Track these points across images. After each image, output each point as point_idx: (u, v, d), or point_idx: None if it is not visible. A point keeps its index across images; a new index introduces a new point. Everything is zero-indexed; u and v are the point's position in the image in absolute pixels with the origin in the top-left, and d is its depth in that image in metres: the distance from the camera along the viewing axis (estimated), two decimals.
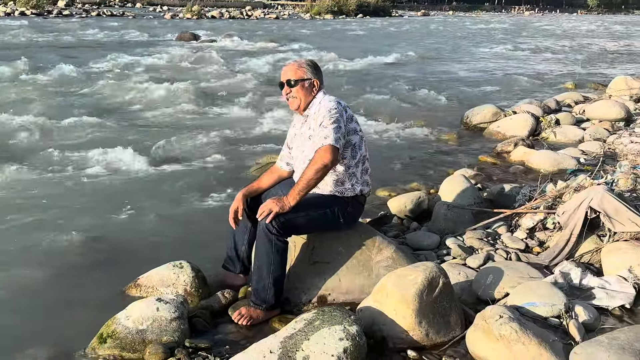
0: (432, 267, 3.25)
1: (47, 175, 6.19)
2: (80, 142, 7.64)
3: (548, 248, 4.27)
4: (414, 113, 10.33)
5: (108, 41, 23.57)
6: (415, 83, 14.07)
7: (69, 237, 4.65)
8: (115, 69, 14.45)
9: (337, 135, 3.44)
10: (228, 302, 3.63)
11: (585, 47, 29.86)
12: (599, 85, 13.96)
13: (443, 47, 27.33)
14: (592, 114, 9.45)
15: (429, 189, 5.91)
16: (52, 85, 11.97)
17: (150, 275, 3.82)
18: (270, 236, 3.37)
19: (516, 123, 8.70)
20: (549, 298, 3.32)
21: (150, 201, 5.52)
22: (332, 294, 3.63)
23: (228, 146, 7.66)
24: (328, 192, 3.62)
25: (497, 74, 16.94)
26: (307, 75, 3.67)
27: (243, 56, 18.69)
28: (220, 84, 12.89)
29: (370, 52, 20.60)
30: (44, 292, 3.86)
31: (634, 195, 4.94)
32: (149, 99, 10.85)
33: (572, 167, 6.54)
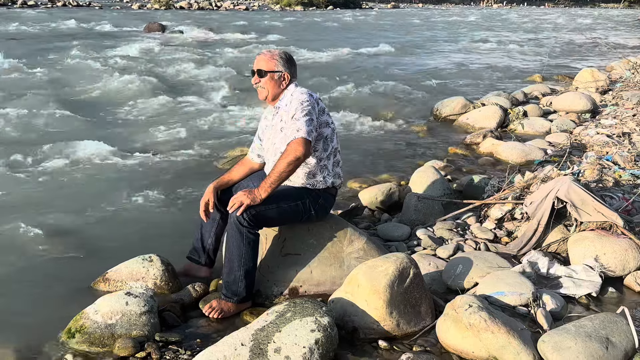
0: (402, 257, 3.27)
1: (12, 169, 6.06)
2: (46, 135, 7.52)
3: (516, 238, 4.33)
4: (384, 105, 10.37)
5: (75, 32, 23.15)
6: (386, 75, 14.12)
7: (36, 230, 4.57)
8: (83, 61, 14.21)
9: (309, 128, 3.44)
10: (199, 296, 3.62)
11: (552, 39, 30.27)
12: (566, 77, 14.18)
13: (413, 39, 27.46)
14: (559, 105, 9.59)
15: (400, 180, 5.94)
16: (17, 78, 11.71)
17: (119, 269, 3.78)
18: (241, 228, 3.36)
19: (485, 115, 8.80)
20: (517, 287, 3.37)
21: (119, 194, 5.45)
22: (303, 285, 3.64)
23: (198, 139, 7.59)
24: (299, 184, 3.62)
25: (466, 67, 17.08)
26: (277, 67, 3.65)
27: (212, 47, 18.54)
28: (189, 76, 12.79)
29: (340, 45, 20.62)
30: (11, 286, 3.79)
31: (599, 186, 5.04)
32: (116, 92, 10.70)
33: (540, 158, 6.64)
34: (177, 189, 5.67)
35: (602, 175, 5.30)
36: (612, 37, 33.12)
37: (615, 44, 27.59)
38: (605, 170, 5.53)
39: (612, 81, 12.70)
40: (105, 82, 11.40)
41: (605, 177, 5.29)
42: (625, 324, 2.97)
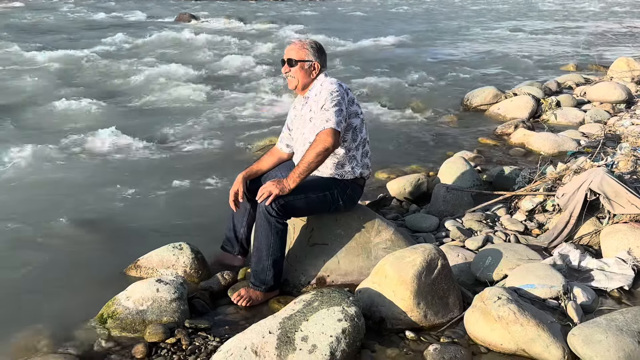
0: (430, 248, 3.26)
1: (47, 157, 6.18)
2: (81, 124, 7.63)
3: (547, 230, 4.28)
4: (413, 95, 10.29)
5: (107, 22, 23.42)
6: (415, 65, 13.98)
7: (70, 218, 4.66)
8: (115, 52, 14.39)
9: (338, 119, 3.44)
10: (227, 284, 3.66)
11: (587, 27, 29.66)
12: (600, 67, 13.87)
13: (443, 27, 27.14)
14: (593, 95, 9.39)
15: (429, 171, 5.91)
16: (54, 67, 11.90)
17: (150, 256, 3.84)
18: (270, 218, 3.38)
19: (517, 105, 8.67)
20: (547, 280, 3.33)
21: (151, 183, 5.52)
22: (330, 275, 3.65)
23: (228, 128, 7.64)
24: (328, 174, 3.62)
25: (498, 56, 16.82)
26: (308, 57, 3.65)
27: (242, 37, 18.57)
28: (218, 66, 12.84)
29: (369, 34, 20.47)
30: (45, 272, 3.88)
31: (634, 178, 4.93)
32: (147, 81, 10.80)
33: (572, 149, 6.53)
34: (207, 177, 5.72)
35: (636, 167, 5.19)
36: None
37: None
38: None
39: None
40: (137, 72, 11.51)
41: (639, 169, 5.18)
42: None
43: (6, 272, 3.85)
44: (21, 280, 3.76)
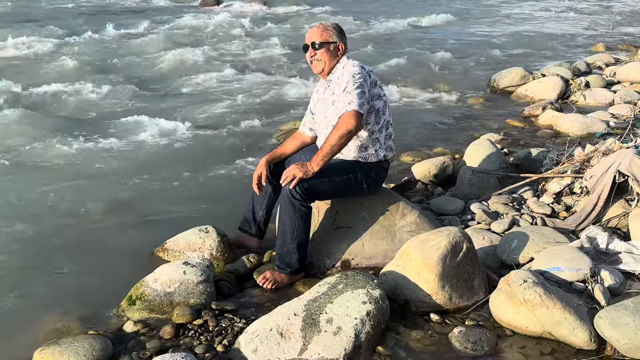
0: (455, 231, 3.25)
1: (78, 142, 6.25)
2: (108, 110, 7.69)
3: (575, 213, 4.24)
4: (439, 77, 10.18)
5: (134, 8, 23.48)
6: (441, 46, 13.81)
7: (99, 202, 4.74)
8: (142, 37, 14.41)
9: (361, 101, 3.42)
10: (253, 266, 3.70)
11: (617, 5, 29.01)
12: (631, 47, 13.57)
13: (467, 8, 26.74)
14: (623, 76, 9.20)
15: (454, 153, 5.86)
16: (83, 52, 11.97)
17: (177, 239, 3.89)
18: (294, 201, 3.39)
19: (545, 86, 8.54)
20: (574, 262, 3.30)
21: (177, 167, 5.57)
22: (355, 258, 3.66)
23: (252, 112, 7.65)
24: (351, 157, 3.62)
25: (526, 36, 16.53)
26: (332, 38, 3.64)
27: (266, 21, 18.50)
28: (243, 50, 12.82)
29: (394, 15, 20.25)
30: (75, 255, 3.95)
31: None
32: (173, 66, 10.83)
33: (601, 130, 6.43)
34: (233, 162, 5.75)
35: None
36: None
37: None
38: None
39: None
40: (163, 57, 11.53)
41: None
42: None
43: (39, 255, 3.93)
44: (53, 263, 3.83)
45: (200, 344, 2.91)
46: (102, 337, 2.93)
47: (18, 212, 4.56)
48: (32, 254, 3.95)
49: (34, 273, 3.71)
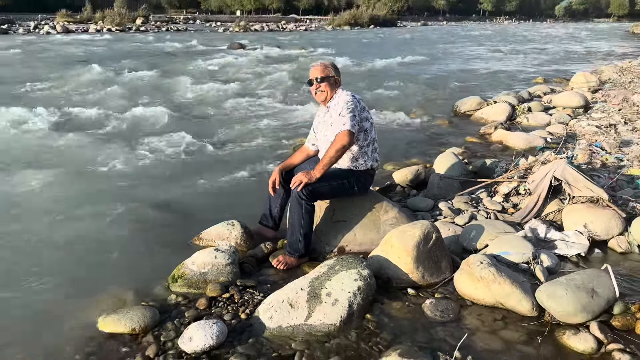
0: (427, 224, 3.24)
1: (128, 153, 6.25)
2: (153, 128, 7.69)
3: (520, 209, 4.22)
4: (413, 103, 10.19)
5: (175, 50, 23.56)
6: (415, 79, 13.85)
7: (148, 201, 4.72)
8: (180, 72, 14.47)
9: (352, 122, 3.43)
10: (269, 252, 3.67)
11: (552, 48, 28.99)
12: (563, 80, 13.58)
13: (437, 50, 26.77)
14: (558, 102, 9.21)
15: (426, 163, 5.84)
16: (132, 84, 12.03)
17: (209, 231, 3.88)
18: (301, 201, 3.38)
19: (496, 110, 8.53)
20: (520, 248, 3.29)
21: (208, 174, 5.55)
22: (348, 245, 3.65)
23: (267, 131, 7.65)
24: (345, 166, 3.61)
25: (481, 71, 16.57)
26: (331, 73, 3.64)
27: (280, 60, 18.56)
28: (262, 83, 12.85)
29: (378, 56, 20.31)
30: (131, 242, 3.93)
31: (590, 167, 4.84)
32: (207, 95, 10.87)
33: (541, 145, 6.41)
34: (253, 169, 5.74)
35: (591, 159, 5.09)
36: (602, 46, 31.48)
37: (605, 52, 26.23)
38: (595, 155, 5.30)
39: (602, 82, 12.10)
40: (197, 88, 11.57)
41: (594, 161, 5.08)
42: (608, 278, 2.86)
43: (98, 242, 3.92)
44: (113, 250, 3.81)
45: (227, 313, 2.90)
46: (151, 307, 2.92)
47: (81, 211, 4.54)
48: (97, 242, 3.93)
49: (99, 257, 3.70)
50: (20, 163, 5.84)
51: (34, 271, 3.46)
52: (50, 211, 4.51)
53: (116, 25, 44.28)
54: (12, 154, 6.25)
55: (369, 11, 69.66)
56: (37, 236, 4.02)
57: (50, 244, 3.89)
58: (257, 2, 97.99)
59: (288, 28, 53.67)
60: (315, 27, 57.85)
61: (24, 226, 4.19)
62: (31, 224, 4.23)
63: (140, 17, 52.99)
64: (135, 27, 45.80)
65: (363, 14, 65.15)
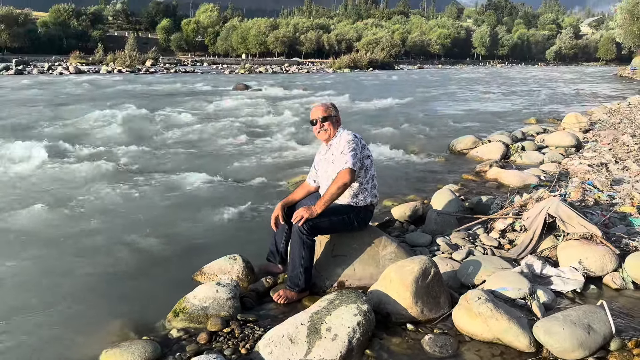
0: (425, 259, 3.21)
1: (132, 188, 6.25)
2: (159, 165, 7.72)
3: (516, 245, 4.19)
4: (411, 142, 10.27)
5: (183, 91, 23.94)
6: (413, 119, 14.00)
7: (152, 235, 4.70)
8: (187, 111, 14.64)
9: (354, 161, 3.47)
10: (270, 286, 3.64)
11: (544, 90, 29.42)
12: (555, 120, 13.73)
13: (434, 91, 27.17)
14: (550, 142, 9.28)
15: (423, 199, 5.83)
16: (141, 123, 12.16)
17: (212, 265, 3.85)
18: (302, 236, 3.37)
19: (491, 149, 8.58)
20: (516, 284, 3.25)
21: (212, 209, 5.54)
22: (348, 280, 3.61)
23: (271, 168, 7.68)
24: (346, 202, 3.61)
25: (476, 112, 16.76)
26: (333, 113, 3.70)
27: (283, 100, 18.82)
28: (265, 122, 12.99)
29: (377, 97, 20.59)
30: (130, 278, 3.89)
31: (582, 205, 4.83)
32: (212, 133, 10.97)
33: (535, 182, 6.42)
34: (256, 204, 5.72)
35: (584, 197, 5.09)
36: (592, 88, 31.96)
37: (594, 94, 26.59)
38: (587, 193, 5.30)
39: (592, 123, 12.23)
40: (202, 127, 11.70)
41: (587, 198, 5.07)
42: (604, 314, 2.82)
43: (102, 276, 3.89)
44: (115, 283, 3.79)
45: (228, 348, 2.85)
46: (152, 341, 2.88)
47: (84, 244, 4.52)
48: (99, 276, 3.90)
49: (101, 291, 3.66)
50: (25, 198, 5.83)
51: (37, 305, 3.43)
52: (54, 244, 4.48)
53: (126, 66, 45.21)
54: (17, 187, 6.26)
55: (368, 55, 71.16)
56: (40, 268, 3.99)
57: (52, 277, 3.85)
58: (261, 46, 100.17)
59: (291, 70, 54.70)
60: (317, 70, 58.92)
61: (27, 258, 4.16)
62: (35, 257, 4.20)
63: (149, 59, 54.13)
64: (145, 68, 46.71)
65: (362, 58, 66.54)
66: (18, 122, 12.00)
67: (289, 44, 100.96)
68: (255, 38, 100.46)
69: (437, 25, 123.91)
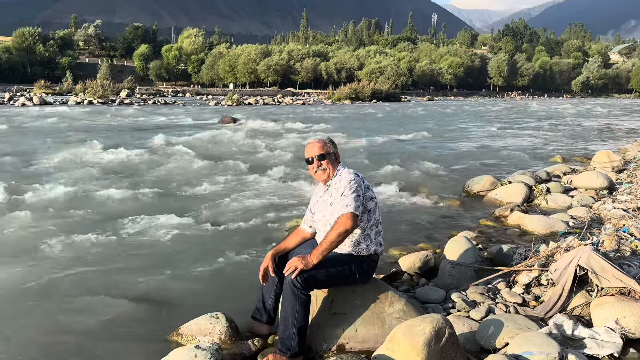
0: (438, 318, 3.17)
1: (100, 237, 6.21)
2: (134, 208, 7.70)
3: (543, 302, 4.15)
4: (421, 182, 10.33)
5: (162, 125, 24.21)
6: (422, 157, 14.12)
7: (118, 290, 4.64)
8: (167, 147, 14.77)
9: (357, 204, 3.47)
10: (257, 350, 3.58)
11: (571, 125, 29.87)
12: (584, 159, 13.89)
13: (446, 126, 27.55)
14: (579, 183, 9.34)
15: (435, 248, 5.82)
16: (115, 162, 12.23)
17: (190, 325, 3.79)
18: (295, 290, 3.34)
19: (512, 191, 8.62)
20: (544, 347, 3.20)
21: (193, 259, 5.50)
22: (349, 342, 3.55)
23: (259, 212, 7.67)
24: (346, 251, 3.60)
25: (494, 149, 16.95)
26: (331, 149, 3.73)
27: (274, 135, 19.02)
28: (254, 159, 13.09)
29: (382, 132, 20.87)
30: (96, 339, 3.82)
31: (618, 255, 4.82)
32: (194, 172, 11.03)
33: (563, 230, 6.43)
34: (242, 254, 5.69)
35: (619, 246, 5.07)
36: (625, 123, 32.47)
37: (628, 129, 26.99)
38: (623, 241, 5.30)
39: (626, 161, 12.36)
40: (184, 165, 11.78)
41: (622, 247, 5.06)
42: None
43: (61, 336, 3.82)
44: (74, 344, 3.71)
45: None
46: None
47: (47, 300, 4.46)
48: (61, 337, 3.83)
49: (61, 356, 3.58)
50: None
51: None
52: (12, 300, 4.42)
53: (98, 97, 45.75)
54: None
55: (371, 85, 72.50)
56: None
57: (6, 341, 3.78)
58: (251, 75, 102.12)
59: (284, 102, 55.56)
60: (313, 101, 59.85)
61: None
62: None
63: (125, 89, 54.94)
64: (119, 99, 47.31)
65: (364, 88, 67.76)
66: None
67: (283, 73, 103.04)
68: (245, 66, 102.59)
69: (449, 53, 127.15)
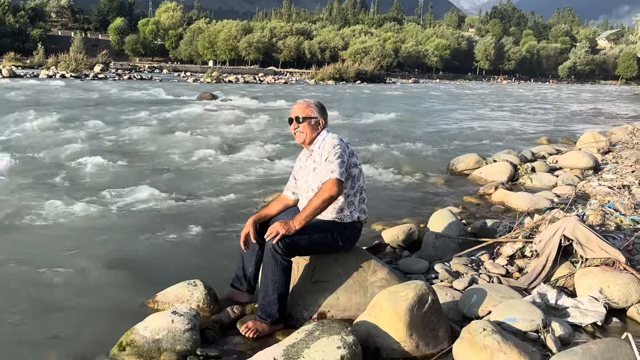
0: (421, 285, 3.19)
1: (81, 207, 6.14)
2: (112, 182, 7.62)
3: (527, 273, 4.21)
4: (406, 161, 10.36)
5: (137, 100, 23.88)
6: (409, 137, 14.17)
7: (96, 257, 4.62)
8: (144, 122, 14.60)
9: (341, 170, 3.46)
10: (236, 317, 3.57)
11: (557, 109, 30.17)
12: (570, 141, 14.04)
13: (432, 107, 27.63)
14: (564, 163, 9.44)
15: (419, 223, 5.84)
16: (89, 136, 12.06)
17: (167, 292, 3.77)
18: (276, 255, 3.33)
19: (496, 170, 8.67)
20: (528, 314, 3.25)
21: (171, 229, 5.47)
22: (330, 310, 3.56)
23: (239, 185, 7.66)
24: (329, 218, 3.59)
25: (479, 130, 17.06)
26: (314, 114, 3.69)
27: (255, 112, 18.88)
28: (234, 134, 13.01)
29: (368, 112, 20.85)
30: (71, 304, 3.80)
31: (603, 229, 4.89)
32: (173, 147, 10.92)
33: (547, 206, 6.50)
34: (222, 225, 5.69)
35: (604, 220, 5.15)
36: (611, 108, 32.89)
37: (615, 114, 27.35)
38: (608, 216, 5.38)
39: (612, 144, 12.53)
40: (162, 139, 11.67)
41: (607, 222, 5.14)
42: (629, 348, 2.82)
43: (39, 305, 3.78)
44: (50, 310, 3.69)
45: None
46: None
47: (21, 268, 4.42)
48: (35, 304, 3.79)
49: (36, 321, 3.56)
50: None
51: None
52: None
53: (71, 71, 44.98)
54: None
55: (356, 65, 72.27)
56: None
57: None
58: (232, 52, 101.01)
59: (266, 81, 55.13)
60: (296, 81, 59.51)
61: None
62: None
63: (99, 63, 54.06)
64: (93, 74, 46.55)
65: (349, 69, 67.51)
66: None
67: (264, 51, 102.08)
68: (225, 43, 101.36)
69: (435, 35, 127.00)
